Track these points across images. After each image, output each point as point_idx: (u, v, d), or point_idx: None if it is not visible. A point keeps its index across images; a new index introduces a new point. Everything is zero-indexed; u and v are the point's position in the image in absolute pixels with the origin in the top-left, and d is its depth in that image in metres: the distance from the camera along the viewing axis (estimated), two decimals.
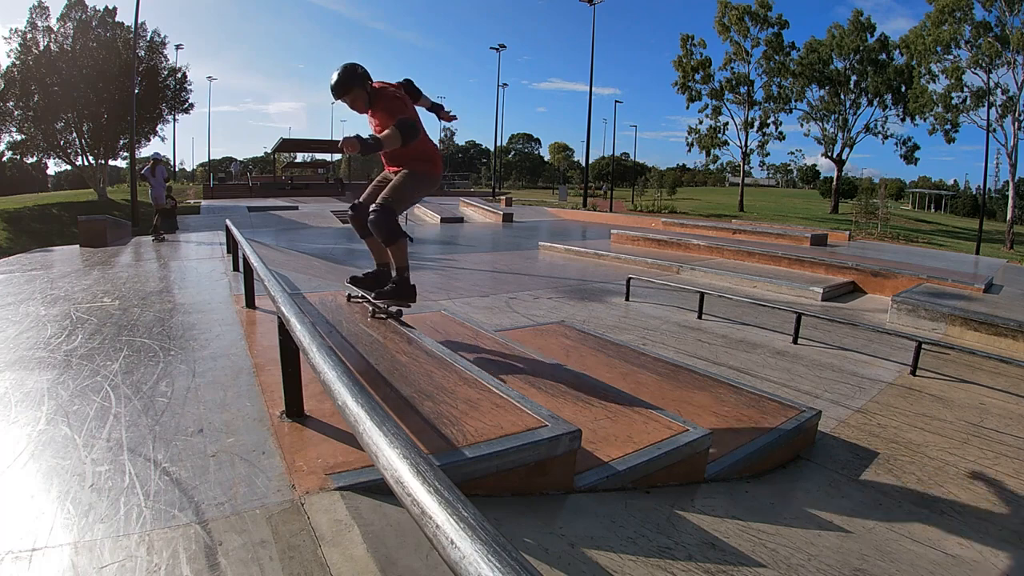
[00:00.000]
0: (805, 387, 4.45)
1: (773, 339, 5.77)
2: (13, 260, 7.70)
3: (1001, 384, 4.66)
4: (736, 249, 10.69)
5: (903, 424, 3.85)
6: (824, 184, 55.32)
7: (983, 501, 2.91)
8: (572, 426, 2.17)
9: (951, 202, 55.37)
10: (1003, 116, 32.67)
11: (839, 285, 8.46)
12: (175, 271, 6.70)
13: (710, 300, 6.70)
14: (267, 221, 20.61)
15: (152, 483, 1.70)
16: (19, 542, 1.42)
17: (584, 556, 1.74)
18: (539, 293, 7.66)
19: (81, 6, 29.19)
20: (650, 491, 2.38)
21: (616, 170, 59.50)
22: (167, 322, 3.75)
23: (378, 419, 1.13)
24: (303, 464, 1.82)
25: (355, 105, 3.34)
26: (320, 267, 9.26)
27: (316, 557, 1.40)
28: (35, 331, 3.49)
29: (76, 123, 28.87)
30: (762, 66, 42.40)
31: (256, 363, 2.83)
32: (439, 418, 2.16)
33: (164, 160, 12.27)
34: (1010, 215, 32.53)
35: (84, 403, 2.29)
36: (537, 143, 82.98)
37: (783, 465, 3.20)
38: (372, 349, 3.05)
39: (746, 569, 1.95)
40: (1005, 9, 31.31)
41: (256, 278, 3.55)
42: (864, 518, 2.67)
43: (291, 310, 1.96)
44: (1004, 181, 36.63)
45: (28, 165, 44.64)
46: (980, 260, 13.41)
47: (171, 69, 33.40)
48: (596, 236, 15.21)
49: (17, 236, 20.14)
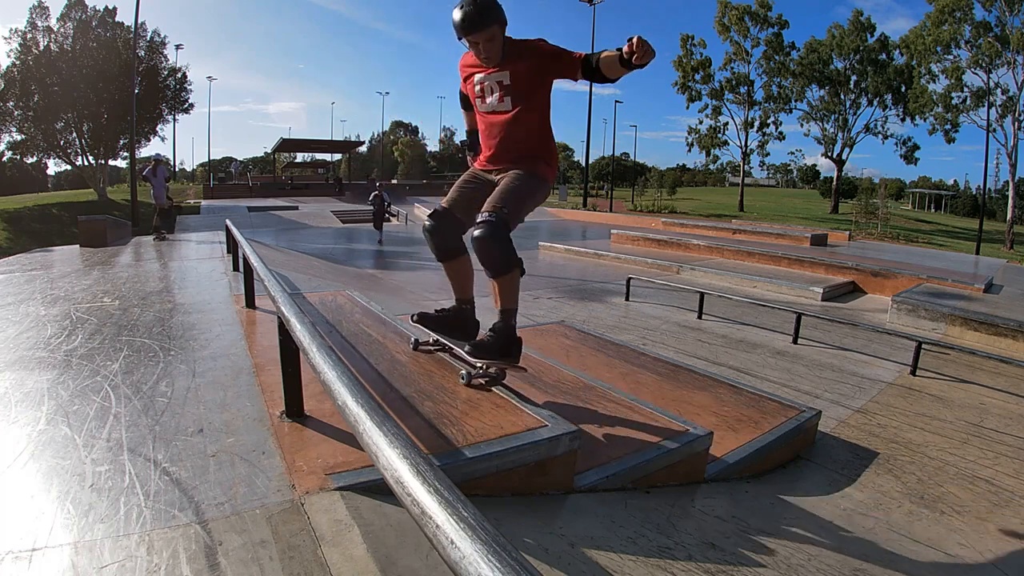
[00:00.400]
0: (805, 387, 4.45)
1: (773, 339, 5.77)
2: (13, 260, 7.70)
3: (1001, 384, 4.66)
4: (736, 249, 10.69)
5: (903, 424, 3.85)
6: (824, 184, 55.29)
7: (983, 501, 2.90)
8: (572, 426, 2.17)
9: (951, 202, 55.36)
10: (1003, 116, 32.66)
11: (839, 285, 8.46)
12: (175, 271, 6.70)
13: (710, 300, 6.70)
14: (267, 221, 20.62)
15: (152, 483, 1.70)
16: (19, 542, 1.42)
17: (584, 556, 1.74)
18: (539, 293, 7.66)
19: (81, 6, 29.20)
20: (650, 491, 2.38)
21: (616, 170, 59.48)
22: (167, 322, 3.75)
23: (378, 419, 1.13)
24: (303, 464, 1.82)
25: (487, 48, 2.35)
26: (320, 267, 9.26)
27: (316, 557, 1.40)
28: (35, 331, 3.48)
29: (76, 123, 28.88)
30: (762, 66, 42.39)
31: (256, 363, 2.83)
32: (439, 418, 2.16)
33: (165, 160, 12.31)
34: (1010, 215, 32.52)
35: (84, 403, 2.29)
36: None
37: (783, 465, 3.20)
38: (372, 349, 3.05)
39: (746, 569, 1.95)
40: (1005, 9, 31.30)
41: (256, 278, 3.54)
42: (864, 518, 2.67)
43: (291, 310, 1.96)
44: (1004, 181, 36.63)
45: (28, 165, 44.67)
46: (980, 260, 13.42)
47: (171, 69, 33.42)
48: (596, 236, 15.21)
49: (17, 236, 20.15)
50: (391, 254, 12.81)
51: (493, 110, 2.48)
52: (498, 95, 2.44)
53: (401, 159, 72.21)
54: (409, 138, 77.27)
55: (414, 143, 76.10)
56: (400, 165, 70.93)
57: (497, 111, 2.47)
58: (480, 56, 2.38)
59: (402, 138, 76.51)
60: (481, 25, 2.29)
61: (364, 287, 7.02)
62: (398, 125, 79.29)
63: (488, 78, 2.44)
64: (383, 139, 73.37)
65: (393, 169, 69.04)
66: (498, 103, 2.45)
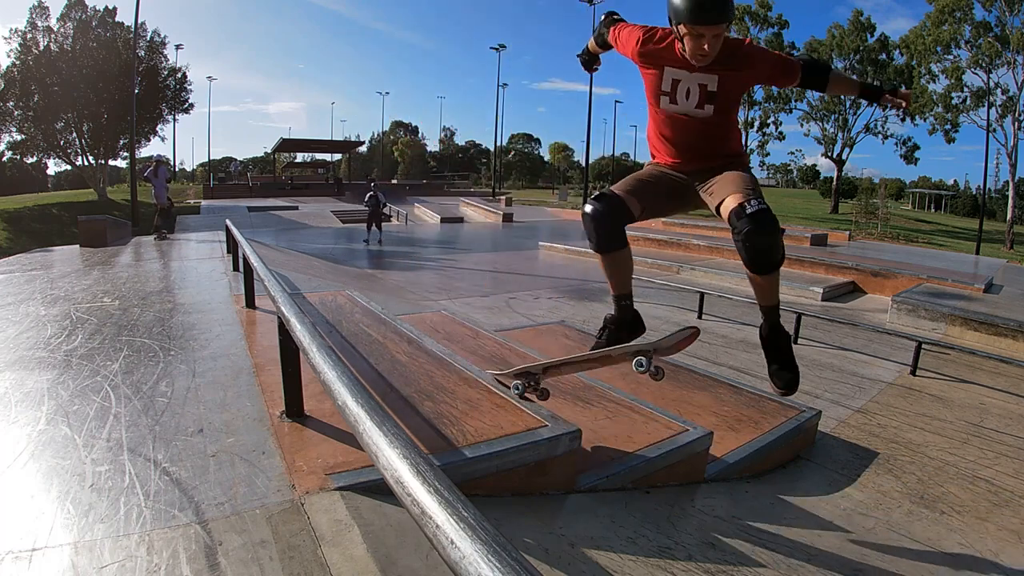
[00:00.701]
0: (805, 387, 4.44)
1: None
2: (13, 260, 7.70)
3: (1001, 384, 4.66)
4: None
5: (903, 424, 3.85)
6: (824, 184, 55.24)
7: (983, 501, 2.90)
8: (572, 426, 2.17)
9: (951, 202, 55.32)
10: (1003, 116, 32.65)
11: (839, 285, 8.45)
12: (175, 271, 6.71)
13: (710, 300, 6.70)
14: (267, 221, 20.62)
15: (152, 483, 1.70)
16: (19, 542, 1.42)
17: (584, 556, 1.74)
18: (539, 293, 7.66)
19: (81, 6, 29.19)
20: (650, 491, 2.38)
21: (616, 170, 59.47)
22: (167, 322, 3.75)
23: (378, 419, 1.13)
24: (303, 464, 1.82)
25: (712, 44, 1.95)
26: (320, 267, 9.27)
27: (316, 557, 1.40)
28: (35, 331, 3.48)
29: (76, 123, 28.86)
30: None
31: (256, 363, 2.83)
32: (439, 418, 2.16)
33: (166, 161, 12.35)
34: (1010, 215, 32.52)
35: (84, 403, 2.29)
36: (537, 143, 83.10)
37: (783, 465, 3.20)
38: (372, 349, 3.05)
39: (746, 569, 1.95)
40: (1005, 9, 31.29)
41: (256, 278, 3.54)
42: (864, 518, 2.67)
43: (291, 310, 1.96)
44: (1004, 181, 36.61)
45: (28, 165, 44.64)
46: (980, 260, 13.42)
47: (171, 69, 33.39)
48: None
49: (17, 236, 20.14)
50: (391, 254, 12.81)
51: (685, 112, 2.13)
52: (697, 99, 2.08)
53: (401, 159, 72.23)
54: (409, 138, 77.26)
55: (414, 143, 76.11)
56: (400, 165, 70.94)
57: (690, 115, 2.13)
58: (695, 51, 1.96)
59: (402, 138, 76.50)
60: (725, 16, 1.91)
61: (364, 287, 7.02)
62: (398, 125, 79.25)
63: (689, 78, 2.06)
64: (383, 139, 73.37)
65: (393, 169, 69.05)
66: (694, 108, 2.11)
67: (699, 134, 2.16)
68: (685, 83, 2.07)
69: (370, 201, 14.32)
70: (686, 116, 2.14)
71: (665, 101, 2.14)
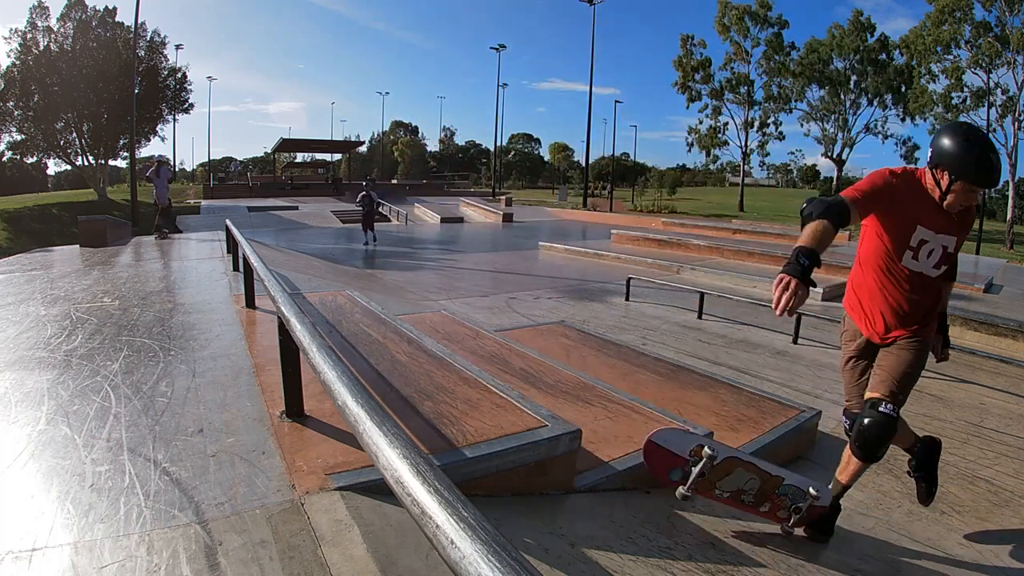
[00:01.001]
0: (805, 387, 4.45)
1: (773, 339, 5.77)
2: (13, 260, 7.70)
3: (1001, 384, 4.65)
4: (736, 249, 10.70)
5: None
6: (824, 184, 55.32)
7: (983, 501, 2.90)
8: (572, 426, 2.17)
9: None
10: (1003, 116, 32.68)
11: (839, 285, 8.45)
12: (175, 271, 6.71)
13: (710, 300, 6.70)
14: (267, 221, 20.62)
15: (152, 483, 1.70)
16: (19, 542, 1.42)
17: (584, 556, 1.74)
18: (539, 293, 7.66)
19: (81, 6, 29.21)
20: (650, 491, 2.38)
21: (616, 170, 59.50)
22: (167, 322, 3.75)
23: (378, 419, 1.13)
24: (303, 464, 1.82)
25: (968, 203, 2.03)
26: (320, 267, 9.27)
27: (316, 557, 1.40)
28: (35, 331, 3.48)
29: (76, 123, 28.89)
30: (762, 66, 42.41)
31: (256, 363, 2.83)
32: (439, 418, 2.16)
33: (167, 161, 12.37)
34: (1010, 215, 32.55)
35: (84, 403, 2.29)
36: (537, 143, 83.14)
37: (783, 465, 3.20)
38: (372, 349, 3.05)
39: (746, 569, 1.95)
40: (1005, 9, 31.31)
41: (256, 278, 3.54)
42: (864, 518, 2.67)
43: (291, 310, 1.96)
44: (1004, 181, 36.60)
45: (28, 165, 44.66)
46: (980, 260, 13.42)
47: (171, 69, 33.44)
48: (596, 236, 15.21)
49: (17, 236, 20.14)
50: (391, 254, 12.81)
51: (920, 271, 2.09)
52: (938, 259, 2.07)
53: (401, 159, 72.27)
54: (409, 138, 77.31)
55: (414, 143, 76.16)
56: (400, 165, 70.99)
57: (924, 273, 2.09)
58: (957, 203, 1.97)
59: (402, 138, 76.55)
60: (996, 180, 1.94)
61: (364, 287, 7.02)
62: (398, 125, 79.29)
63: (935, 239, 2.04)
64: (383, 139, 73.40)
65: (393, 169, 69.08)
66: (931, 268, 2.08)
67: (918, 297, 2.12)
68: (933, 243, 2.05)
69: (363, 201, 13.99)
70: (918, 273, 2.10)
71: (908, 256, 2.08)
